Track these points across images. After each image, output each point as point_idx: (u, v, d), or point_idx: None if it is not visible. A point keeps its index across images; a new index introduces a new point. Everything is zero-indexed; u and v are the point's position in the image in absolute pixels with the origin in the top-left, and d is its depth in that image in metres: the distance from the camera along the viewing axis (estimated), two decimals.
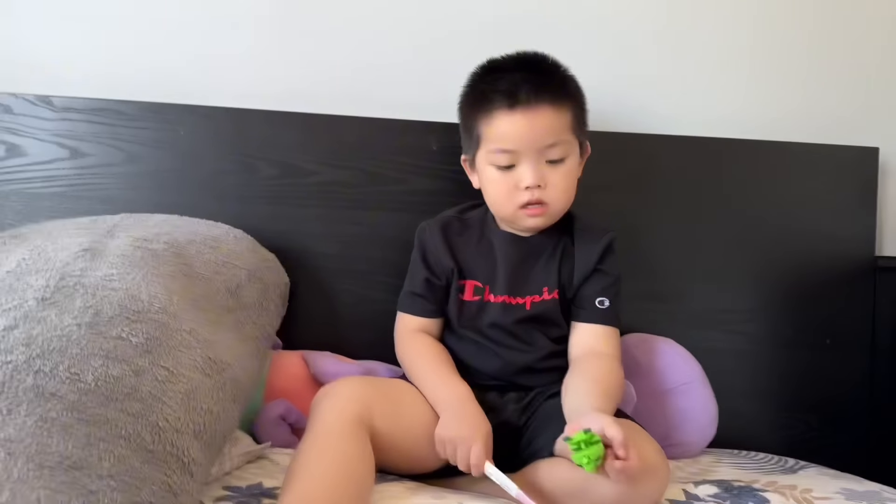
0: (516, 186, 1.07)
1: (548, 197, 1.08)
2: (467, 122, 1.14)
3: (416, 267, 1.16)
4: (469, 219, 1.19)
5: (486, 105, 1.08)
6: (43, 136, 1.28)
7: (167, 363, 0.83)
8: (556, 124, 1.07)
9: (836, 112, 1.46)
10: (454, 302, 1.13)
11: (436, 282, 1.14)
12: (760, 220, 1.39)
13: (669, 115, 1.43)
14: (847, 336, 1.40)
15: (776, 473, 1.14)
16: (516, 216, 1.10)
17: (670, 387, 1.21)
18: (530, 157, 1.06)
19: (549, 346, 1.11)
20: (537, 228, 1.12)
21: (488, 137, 1.09)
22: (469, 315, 1.13)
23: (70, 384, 0.73)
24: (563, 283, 1.13)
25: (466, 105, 1.14)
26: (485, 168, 1.11)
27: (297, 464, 0.86)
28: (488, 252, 1.15)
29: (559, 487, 0.93)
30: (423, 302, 1.15)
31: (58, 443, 0.67)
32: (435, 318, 1.15)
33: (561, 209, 1.11)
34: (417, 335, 1.14)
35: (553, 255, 1.14)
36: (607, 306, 1.11)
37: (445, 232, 1.15)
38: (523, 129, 1.05)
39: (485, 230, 1.17)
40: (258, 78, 1.37)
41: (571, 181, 1.11)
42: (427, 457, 1.03)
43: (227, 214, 1.26)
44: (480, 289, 1.13)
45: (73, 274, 0.88)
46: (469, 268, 1.14)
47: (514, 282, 1.12)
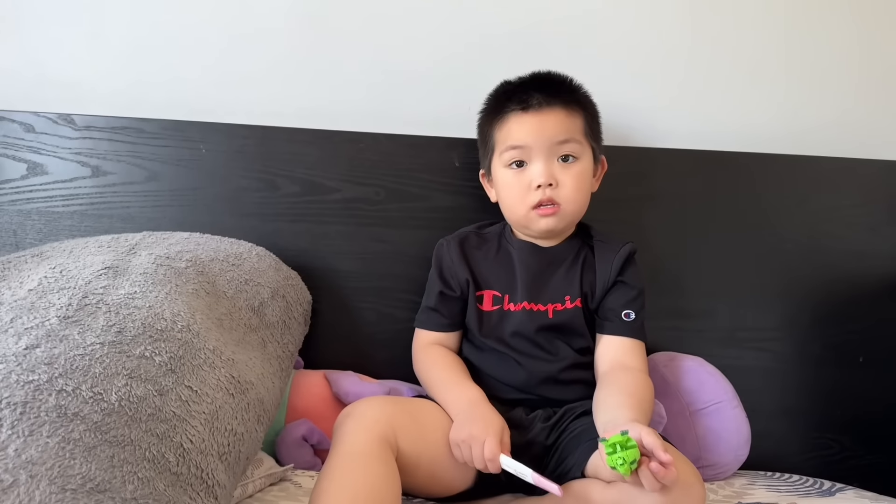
0: (528, 187, 1.09)
1: (560, 196, 1.08)
2: (483, 135, 1.17)
3: (432, 282, 1.17)
4: (487, 233, 1.20)
5: (501, 113, 1.12)
6: (64, 154, 1.28)
7: (191, 382, 0.82)
8: (568, 125, 1.09)
9: (865, 125, 1.43)
10: (473, 313, 1.12)
11: (450, 293, 1.14)
12: (788, 236, 1.37)
13: (696, 130, 1.40)
14: (880, 354, 1.36)
15: (813, 496, 1.11)
16: (529, 218, 1.10)
17: (701, 406, 1.18)
18: (541, 155, 1.08)
19: (572, 357, 1.09)
20: (550, 231, 1.11)
21: (500, 140, 1.11)
22: (490, 325, 1.12)
23: (93, 404, 0.71)
24: (586, 293, 1.12)
25: (483, 121, 1.18)
26: (498, 173, 1.13)
27: (321, 486, 0.84)
28: (507, 262, 1.15)
29: None
30: (437, 316, 1.15)
31: (81, 464, 0.66)
32: (449, 333, 1.15)
33: (573, 211, 1.11)
34: (430, 347, 1.13)
35: (574, 264, 1.14)
36: (633, 319, 1.10)
37: (463, 245, 1.16)
38: (534, 126, 1.08)
39: (502, 242, 1.18)
40: (279, 95, 1.36)
41: (584, 183, 1.11)
42: (454, 478, 1.00)
43: (248, 232, 1.25)
44: (499, 298, 1.13)
45: (95, 292, 0.87)
46: (486, 278, 1.14)
47: (534, 289, 1.12)
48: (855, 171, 1.38)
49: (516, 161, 1.10)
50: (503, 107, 1.12)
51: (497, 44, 1.37)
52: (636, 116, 1.40)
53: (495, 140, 1.13)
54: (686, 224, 1.35)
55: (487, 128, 1.15)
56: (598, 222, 1.26)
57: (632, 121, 1.40)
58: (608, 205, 1.32)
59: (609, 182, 1.31)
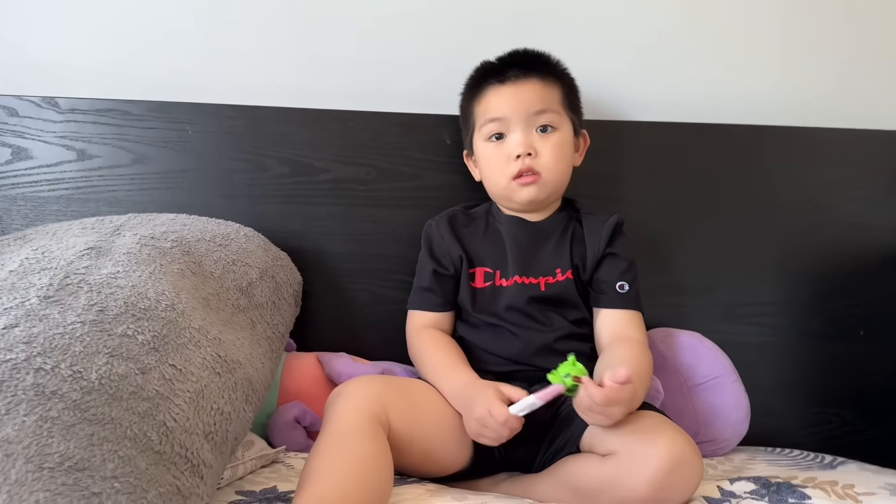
0: (508, 157, 1.09)
1: (539, 166, 1.09)
2: (465, 113, 1.19)
3: (424, 262, 1.16)
4: (474, 212, 1.20)
5: (479, 89, 1.14)
6: (49, 138, 1.26)
7: (175, 361, 0.80)
8: (546, 95, 1.11)
9: (865, 96, 1.40)
10: (466, 290, 1.11)
11: (443, 272, 1.13)
12: (788, 210, 1.34)
13: (693, 103, 1.38)
14: (880, 327, 1.34)
15: (814, 469, 1.09)
16: (510, 189, 1.10)
17: (699, 382, 1.16)
18: (519, 125, 1.09)
19: (567, 327, 1.08)
20: (532, 201, 1.11)
21: (480, 114, 1.13)
22: (483, 301, 1.10)
23: (72, 382, 0.69)
24: (576, 265, 1.11)
25: (463, 99, 1.19)
26: (480, 148, 1.14)
27: (311, 465, 0.83)
28: (496, 238, 1.14)
29: (589, 484, 0.89)
30: (431, 296, 1.13)
31: (59, 443, 0.64)
32: (444, 312, 1.13)
33: (554, 180, 1.11)
34: (425, 330, 1.12)
35: (563, 237, 1.13)
36: (627, 290, 1.09)
37: (452, 223, 1.16)
38: (512, 97, 1.10)
39: (490, 220, 1.18)
40: (267, 74, 1.34)
41: (563, 152, 1.11)
42: (448, 457, 0.99)
43: (238, 214, 1.23)
44: (491, 274, 1.12)
45: (77, 272, 0.85)
46: (478, 255, 1.13)
47: (525, 263, 1.11)
48: (854, 142, 1.36)
49: (496, 134, 1.11)
50: (482, 83, 1.14)
51: (485, 20, 1.35)
52: (632, 90, 1.37)
53: (475, 115, 1.14)
54: (684, 199, 1.33)
55: (468, 105, 1.17)
56: (596, 199, 1.25)
57: (627, 94, 1.37)
58: (607, 180, 1.32)
59: (606, 158, 1.30)
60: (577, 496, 0.90)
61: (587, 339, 1.10)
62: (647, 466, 0.83)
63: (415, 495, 0.91)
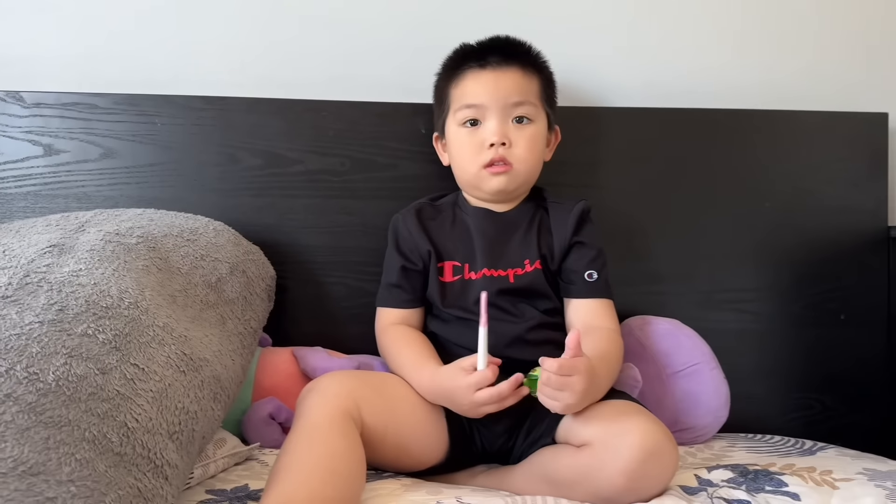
0: (481, 145, 1.08)
1: (512, 156, 1.07)
2: (440, 94, 1.16)
3: (391, 257, 1.14)
4: (441, 204, 1.18)
5: (457, 71, 1.12)
6: (15, 133, 1.23)
7: (138, 360, 0.78)
8: (524, 86, 1.09)
9: (842, 77, 1.40)
10: (435, 285, 1.09)
11: (412, 267, 1.11)
12: (766, 194, 1.33)
13: (670, 88, 1.37)
14: (861, 311, 1.33)
15: (793, 456, 1.08)
16: (480, 177, 1.09)
17: (678, 369, 1.15)
18: (496, 114, 1.07)
19: (538, 317, 1.07)
20: (501, 191, 1.09)
21: (456, 97, 1.11)
22: (453, 296, 1.09)
23: (28, 384, 0.68)
24: (544, 255, 1.10)
25: (440, 80, 1.17)
26: (452, 132, 1.12)
27: (280, 462, 0.82)
28: (463, 231, 1.13)
29: (565, 475, 0.88)
30: (400, 292, 1.12)
31: (12, 448, 0.62)
32: (413, 309, 1.12)
33: (525, 171, 1.09)
34: (392, 328, 1.10)
35: (530, 228, 1.12)
36: (596, 279, 1.08)
37: (419, 216, 1.14)
38: (490, 84, 1.08)
39: (457, 211, 1.16)
40: (236, 64, 1.32)
41: (537, 145, 1.10)
42: (423, 451, 0.98)
43: (210, 208, 1.21)
44: (459, 268, 1.10)
45: (37, 270, 0.83)
46: (446, 249, 1.11)
47: (493, 255, 1.09)
48: (835, 124, 1.35)
49: (470, 120, 1.09)
50: (461, 65, 1.11)
51: (462, 6, 1.33)
52: (608, 76, 1.36)
53: (451, 98, 1.12)
54: (663, 186, 1.32)
55: (444, 86, 1.14)
56: (575, 187, 1.25)
57: (602, 80, 1.36)
58: (581, 168, 1.30)
59: (585, 145, 1.29)
60: (554, 487, 0.88)
61: (559, 328, 1.08)
62: (621, 457, 0.82)
63: (389, 490, 0.90)
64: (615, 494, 0.83)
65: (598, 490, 0.84)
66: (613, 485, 0.83)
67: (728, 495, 0.89)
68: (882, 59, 1.40)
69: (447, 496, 0.87)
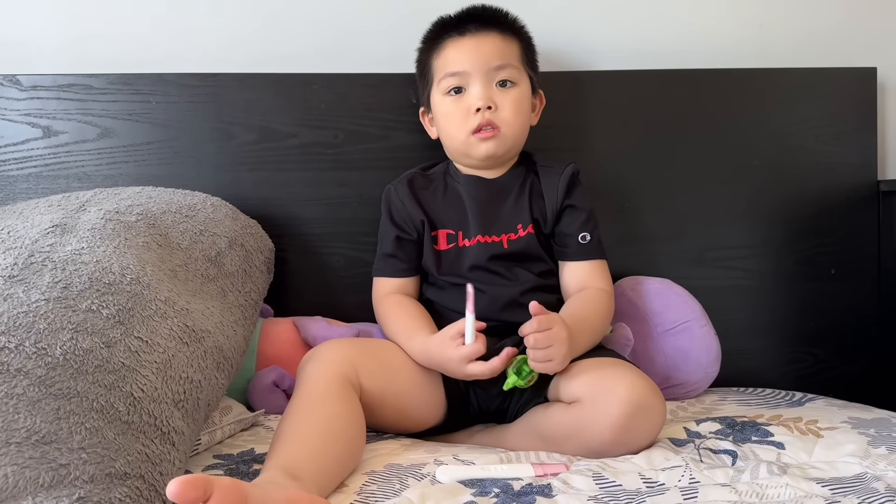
0: (468, 112, 1.09)
1: (499, 119, 1.08)
2: (422, 67, 1.18)
3: (385, 228, 1.16)
4: (432, 173, 1.19)
5: (437, 42, 1.13)
6: (13, 116, 1.25)
7: (141, 333, 0.81)
8: (505, 49, 1.11)
9: (828, 32, 1.40)
10: (430, 254, 1.12)
11: (406, 237, 1.13)
12: (756, 152, 1.35)
13: (654, 49, 1.37)
14: (852, 265, 1.36)
15: (782, 407, 1.12)
16: (469, 144, 1.10)
17: (669, 327, 1.18)
18: (479, 79, 1.08)
19: (532, 280, 1.09)
20: (491, 156, 1.11)
21: (438, 68, 1.12)
22: (448, 263, 1.11)
23: (37, 359, 0.71)
24: (537, 219, 1.11)
25: (421, 53, 1.19)
26: (438, 103, 1.13)
27: (282, 427, 0.85)
28: (455, 199, 1.14)
29: (556, 431, 0.92)
30: (395, 262, 1.14)
31: (25, 418, 0.66)
32: (409, 278, 1.14)
33: (513, 135, 1.11)
34: (388, 297, 1.13)
35: (521, 193, 1.13)
36: (589, 241, 1.10)
37: (412, 186, 1.15)
38: (471, 50, 1.09)
39: (448, 180, 1.17)
40: (227, 40, 1.33)
41: (522, 107, 1.11)
42: (421, 413, 1.02)
43: (207, 184, 1.24)
44: (453, 236, 1.12)
45: (41, 250, 0.86)
46: (439, 218, 1.13)
47: (486, 222, 1.11)
48: (823, 80, 1.36)
49: (455, 87, 1.10)
50: (440, 35, 1.13)
51: None
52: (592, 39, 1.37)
53: (434, 69, 1.13)
54: (651, 147, 1.34)
55: (426, 59, 1.16)
56: (563, 151, 1.26)
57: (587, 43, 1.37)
58: (570, 132, 1.32)
59: (572, 109, 1.30)
60: (546, 443, 0.92)
61: (554, 290, 1.11)
62: (609, 412, 0.85)
63: (389, 450, 0.94)
64: (605, 447, 0.87)
65: (589, 444, 0.88)
66: (603, 438, 0.86)
67: (715, 446, 0.92)
68: (869, 14, 1.41)
69: (444, 454, 0.91)
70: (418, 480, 0.82)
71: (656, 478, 0.81)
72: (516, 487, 0.79)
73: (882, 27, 1.41)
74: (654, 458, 0.86)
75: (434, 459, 0.88)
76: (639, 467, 0.84)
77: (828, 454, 0.89)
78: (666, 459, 0.86)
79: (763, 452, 0.90)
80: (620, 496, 0.77)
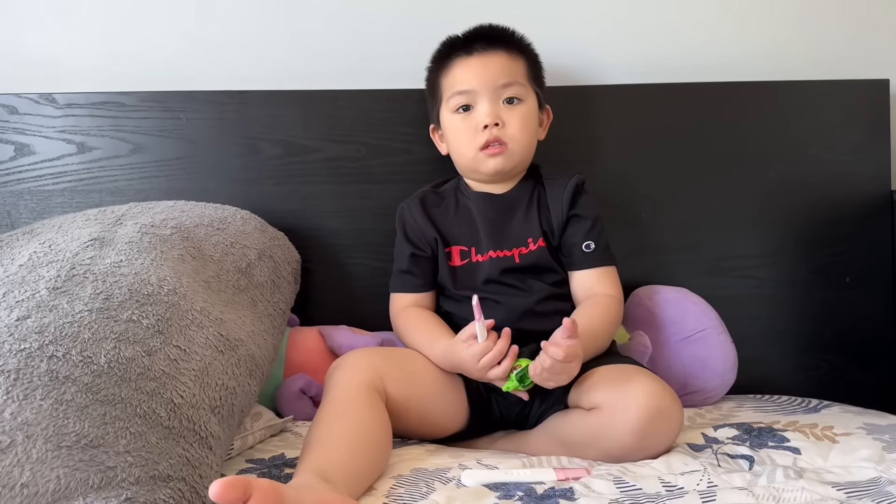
0: (476, 129, 1.12)
1: (506, 136, 1.12)
2: (431, 85, 1.21)
3: (400, 246, 1.19)
4: (443, 191, 1.23)
5: (446, 62, 1.17)
6: (49, 133, 1.30)
7: (179, 342, 0.85)
8: (512, 68, 1.14)
9: (841, 45, 1.42)
10: (445, 270, 1.15)
11: (421, 254, 1.17)
12: (771, 164, 1.37)
13: (670, 63, 1.40)
14: (866, 273, 1.37)
15: (798, 413, 1.14)
16: (477, 160, 1.13)
17: (686, 335, 1.20)
18: (487, 97, 1.12)
19: (546, 290, 1.12)
20: (500, 172, 1.14)
21: (447, 86, 1.16)
22: (463, 278, 1.14)
23: (83, 367, 0.75)
24: (546, 231, 1.14)
25: (430, 73, 1.22)
26: (447, 120, 1.17)
27: (312, 433, 0.88)
28: (466, 216, 1.17)
29: (577, 437, 0.94)
30: (411, 278, 1.17)
31: (74, 423, 0.70)
32: (425, 293, 1.17)
33: (520, 151, 1.14)
34: (405, 311, 1.16)
35: (530, 206, 1.16)
36: (594, 249, 1.13)
37: (424, 205, 1.19)
38: (479, 69, 1.13)
39: (459, 197, 1.20)
40: (255, 58, 1.38)
41: (529, 123, 1.14)
42: (445, 419, 1.05)
43: (235, 197, 1.28)
44: (466, 252, 1.15)
45: (82, 263, 0.90)
46: (451, 235, 1.16)
47: (497, 237, 1.14)
48: (836, 92, 1.38)
49: (463, 105, 1.14)
50: (448, 56, 1.17)
51: None
52: (611, 53, 1.40)
53: (442, 88, 1.17)
54: (667, 158, 1.36)
55: (434, 77, 1.20)
56: (579, 163, 1.29)
57: (607, 57, 1.40)
58: (586, 143, 1.35)
59: (587, 122, 1.33)
60: (567, 448, 0.95)
61: (567, 298, 1.14)
62: (628, 418, 0.88)
63: (414, 455, 0.97)
64: (624, 452, 0.89)
65: (609, 449, 0.90)
66: (622, 444, 0.89)
67: (732, 451, 0.95)
68: (882, 26, 1.43)
69: (468, 459, 0.94)
70: (444, 484, 0.85)
71: (675, 482, 0.84)
72: (539, 491, 0.82)
73: (894, 39, 1.43)
74: (672, 463, 0.89)
75: (458, 464, 0.91)
76: (658, 472, 0.87)
77: (843, 459, 0.91)
78: (685, 464, 0.89)
79: (779, 457, 0.92)
80: (641, 499, 0.79)
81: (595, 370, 0.97)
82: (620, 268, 1.17)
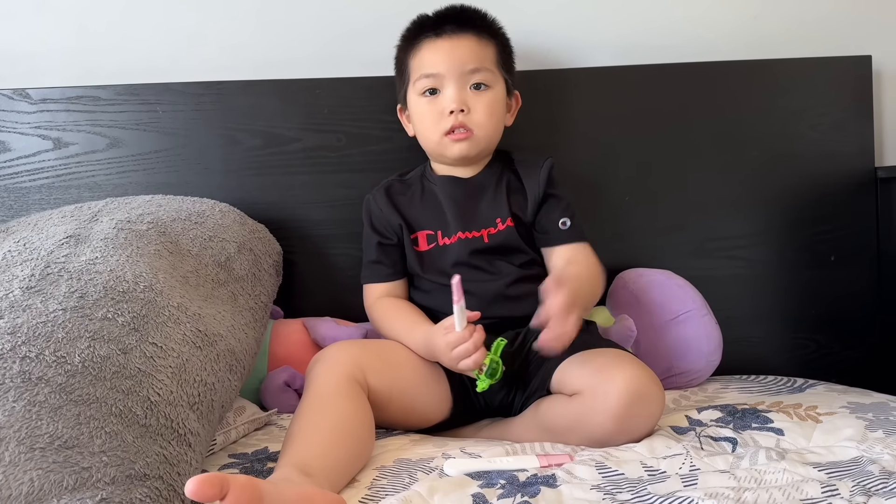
0: (441, 113, 1.12)
1: (472, 122, 1.11)
2: (400, 65, 1.20)
3: (368, 236, 1.19)
4: (409, 178, 1.22)
5: (414, 42, 1.17)
6: (24, 129, 1.29)
7: (156, 339, 0.84)
8: (480, 52, 1.13)
9: (822, 21, 1.41)
10: (412, 256, 1.15)
11: (387, 242, 1.17)
12: (754, 143, 1.36)
13: (647, 43, 1.39)
14: (851, 251, 1.37)
15: (783, 394, 1.14)
16: (442, 144, 1.13)
17: (670, 318, 1.20)
18: (454, 81, 1.11)
19: (515, 272, 1.12)
20: (464, 157, 1.14)
21: (414, 68, 1.15)
22: (431, 262, 1.14)
23: (57, 367, 0.74)
24: (516, 213, 1.14)
25: (399, 51, 1.21)
26: (413, 103, 1.16)
27: (293, 426, 0.88)
28: (432, 201, 1.17)
29: (559, 423, 0.94)
30: (380, 267, 1.17)
31: (48, 424, 0.69)
32: (396, 281, 1.17)
33: (485, 137, 1.13)
34: (379, 301, 1.16)
35: (498, 189, 1.16)
36: (570, 226, 1.13)
37: (388, 194, 1.19)
38: (446, 53, 1.12)
39: (424, 183, 1.20)
40: (230, 48, 1.36)
41: (496, 110, 1.14)
42: (428, 409, 1.04)
43: (214, 190, 1.27)
44: (433, 236, 1.15)
45: (57, 261, 0.89)
46: (417, 220, 1.16)
47: (465, 218, 1.14)
48: (816, 70, 1.37)
49: (429, 89, 1.13)
50: (417, 36, 1.16)
51: None
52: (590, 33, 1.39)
53: (410, 69, 1.16)
54: (650, 141, 1.36)
55: (403, 57, 1.19)
56: (558, 147, 1.28)
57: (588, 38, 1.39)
58: (573, 124, 1.34)
59: (566, 105, 1.32)
60: (550, 434, 0.95)
61: (537, 279, 1.10)
62: (609, 402, 0.88)
63: (398, 445, 0.96)
64: (606, 437, 0.89)
65: (591, 434, 0.90)
66: (604, 428, 0.89)
67: (716, 433, 0.95)
68: (863, 2, 1.42)
69: (452, 447, 0.94)
70: (427, 474, 0.85)
71: (658, 466, 0.84)
72: (522, 478, 0.82)
73: (876, 15, 1.42)
74: (655, 446, 0.89)
75: (442, 453, 0.91)
76: (641, 455, 0.87)
77: (826, 439, 0.91)
78: (667, 448, 0.88)
79: (762, 439, 0.92)
80: (622, 484, 0.79)
81: (577, 355, 0.97)
82: (604, 252, 1.16)
